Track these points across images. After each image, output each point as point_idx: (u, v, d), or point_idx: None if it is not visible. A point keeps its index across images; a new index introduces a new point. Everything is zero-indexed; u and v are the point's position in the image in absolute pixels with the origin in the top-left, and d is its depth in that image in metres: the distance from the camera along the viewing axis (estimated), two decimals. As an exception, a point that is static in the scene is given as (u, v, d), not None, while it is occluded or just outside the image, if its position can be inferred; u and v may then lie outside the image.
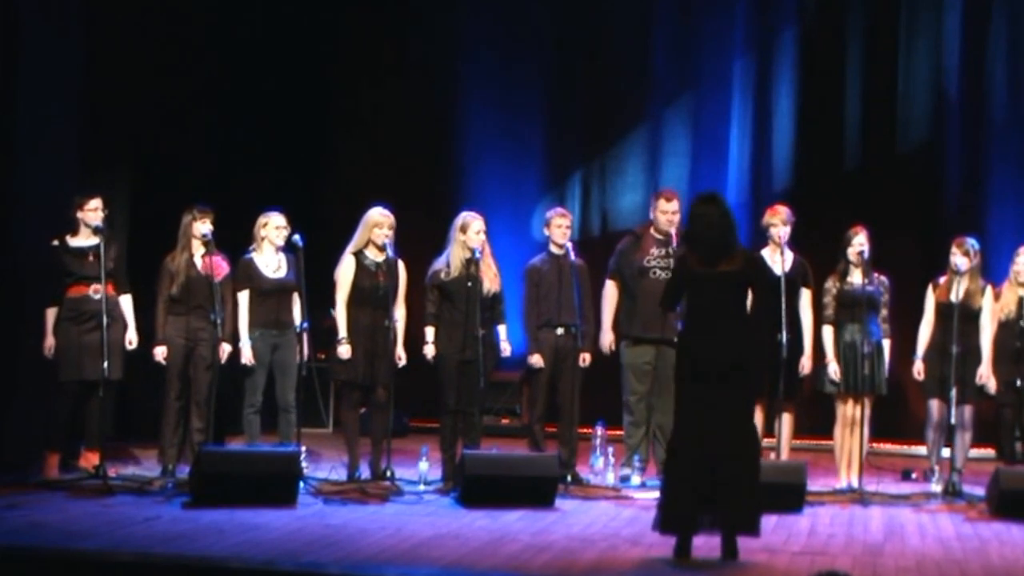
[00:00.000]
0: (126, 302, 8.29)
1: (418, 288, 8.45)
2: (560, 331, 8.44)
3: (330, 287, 8.35)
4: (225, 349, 8.21)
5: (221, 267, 8.25)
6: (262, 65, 11.36)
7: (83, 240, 8.13)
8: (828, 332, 8.52)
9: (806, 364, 8.47)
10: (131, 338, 8.25)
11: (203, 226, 8.23)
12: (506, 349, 8.41)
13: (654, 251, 8.48)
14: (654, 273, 8.43)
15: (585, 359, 8.52)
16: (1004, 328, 8.62)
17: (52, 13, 8.57)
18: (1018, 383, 8.55)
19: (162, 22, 10.13)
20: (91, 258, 8.08)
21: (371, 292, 8.19)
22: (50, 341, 8.04)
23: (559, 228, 8.53)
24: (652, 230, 8.56)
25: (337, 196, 11.94)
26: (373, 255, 8.26)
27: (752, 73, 11.61)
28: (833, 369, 8.45)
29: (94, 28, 9.06)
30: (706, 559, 6.04)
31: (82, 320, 8.04)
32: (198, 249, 8.29)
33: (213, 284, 8.11)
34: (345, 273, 8.25)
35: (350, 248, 8.30)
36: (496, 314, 8.40)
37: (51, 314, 8.07)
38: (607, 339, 8.59)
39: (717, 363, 6.08)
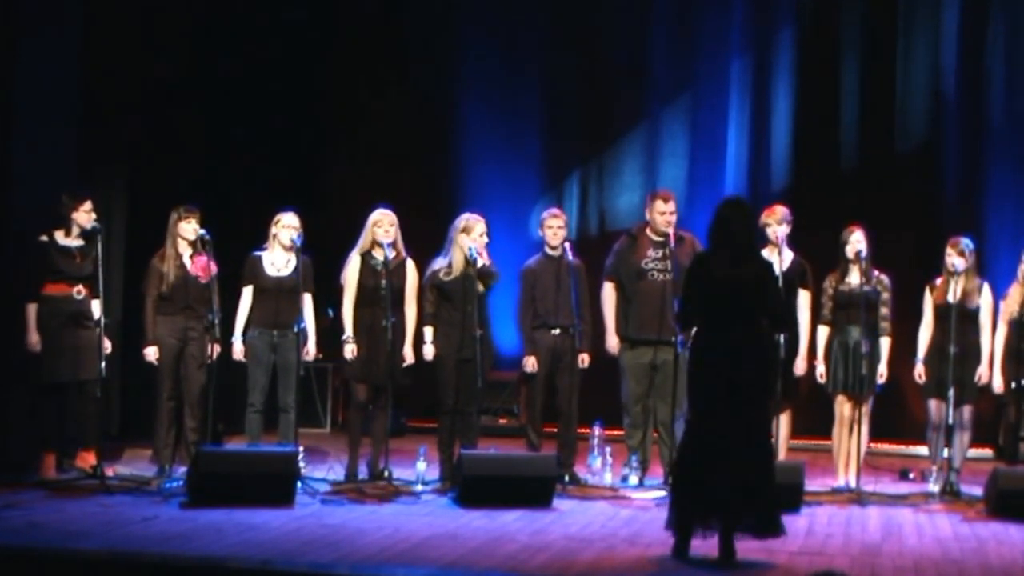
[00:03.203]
0: (96, 306, 8.16)
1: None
2: (557, 332, 8.43)
3: (328, 288, 8.34)
4: (215, 348, 8.21)
5: (210, 267, 8.24)
6: (261, 66, 11.34)
7: (71, 240, 8.11)
8: (822, 332, 8.54)
9: (801, 364, 8.47)
10: (106, 343, 8.11)
11: (189, 226, 8.22)
12: None
13: (651, 252, 8.45)
14: (652, 275, 8.41)
15: (584, 360, 8.52)
16: (1012, 328, 8.56)
17: (50, 13, 8.56)
18: None
19: (161, 22, 10.12)
20: (78, 259, 8.06)
21: (374, 292, 8.18)
22: (35, 337, 7.99)
23: (551, 229, 8.52)
24: (648, 231, 8.54)
25: (335, 197, 11.93)
26: (378, 255, 8.26)
27: (750, 73, 11.59)
28: (820, 371, 8.47)
29: (92, 28, 9.06)
30: (704, 559, 6.05)
31: (62, 320, 8.01)
32: (186, 249, 8.28)
33: (208, 283, 8.10)
34: (351, 274, 8.25)
35: (356, 249, 8.30)
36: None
37: (33, 310, 8.00)
38: (612, 341, 8.54)
39: (737, 366, 6.05)
